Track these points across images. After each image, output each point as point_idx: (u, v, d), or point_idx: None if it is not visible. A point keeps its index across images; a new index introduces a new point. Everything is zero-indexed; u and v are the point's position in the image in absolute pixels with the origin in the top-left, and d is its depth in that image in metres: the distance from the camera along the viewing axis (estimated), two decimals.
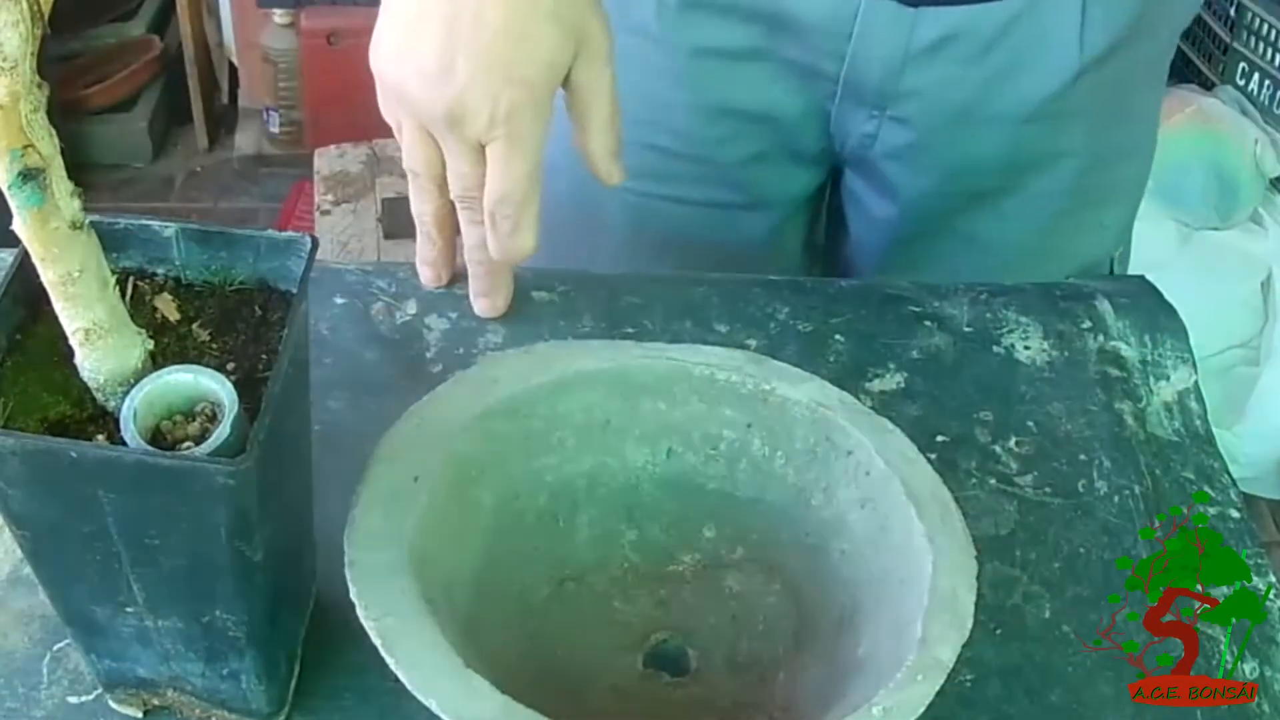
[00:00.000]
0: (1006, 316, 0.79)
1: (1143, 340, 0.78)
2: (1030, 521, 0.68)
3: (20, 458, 0.46)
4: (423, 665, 0.50)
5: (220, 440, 0.46)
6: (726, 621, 0.63)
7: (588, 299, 0.78)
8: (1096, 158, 0.87)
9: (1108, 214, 0.92)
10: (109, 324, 0.48)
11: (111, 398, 0.49)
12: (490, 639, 0.58)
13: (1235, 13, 1.82)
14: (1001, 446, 0.71)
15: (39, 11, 0.40)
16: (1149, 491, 0.70)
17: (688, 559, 0.65)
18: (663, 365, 0.63)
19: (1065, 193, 0.88)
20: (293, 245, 0.52)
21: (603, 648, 0.62)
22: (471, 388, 0.61)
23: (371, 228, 1.92)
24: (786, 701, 0.59)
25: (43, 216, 0.44)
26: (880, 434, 0.61)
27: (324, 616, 0.60)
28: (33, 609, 0.61)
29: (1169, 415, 0.75)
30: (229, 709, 0.56)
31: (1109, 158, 0.88)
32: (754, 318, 0.77)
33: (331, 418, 0.69)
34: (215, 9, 2.41)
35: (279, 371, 0.48)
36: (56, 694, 0.58)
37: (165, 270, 0.53)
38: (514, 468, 0.62)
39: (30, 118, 0.42)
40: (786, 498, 0.63)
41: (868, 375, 0.75)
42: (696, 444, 0.64)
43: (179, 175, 2.41)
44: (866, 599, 0.59)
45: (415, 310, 0.76)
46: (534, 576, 0.63)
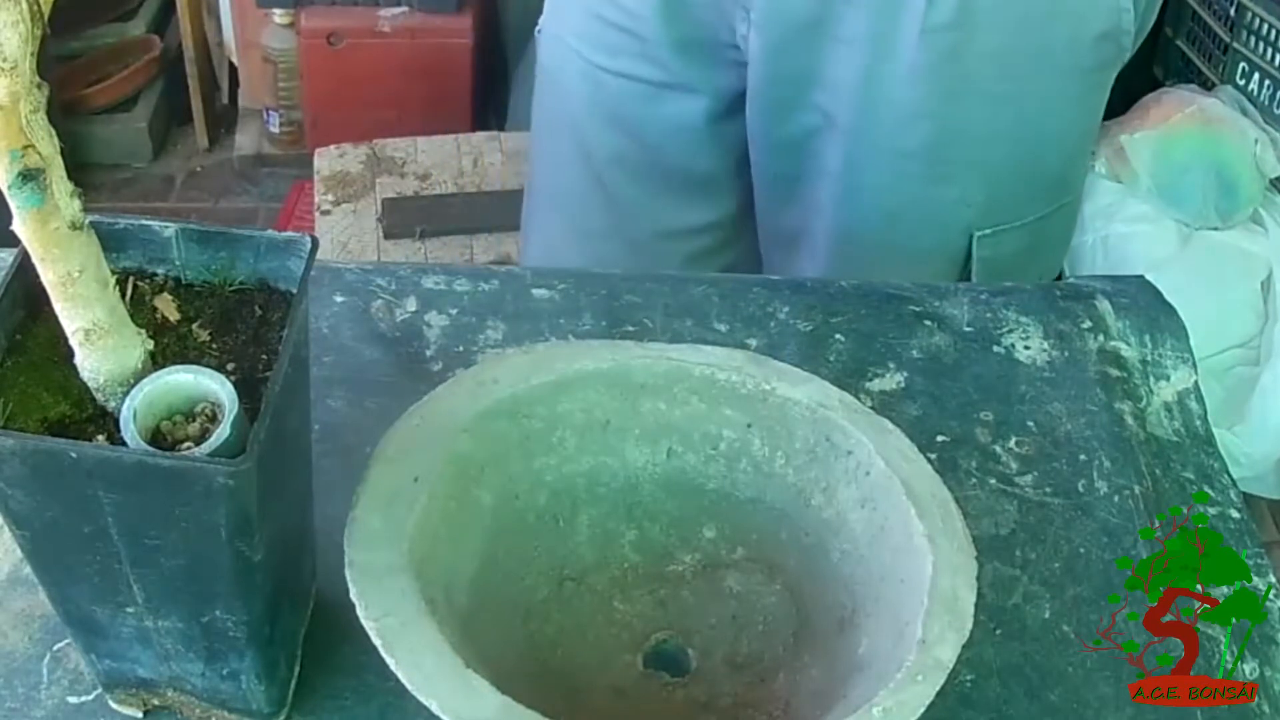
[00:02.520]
0: (1006, 316, 0.79)
1: (1143, 340, 0.78)
2: (1030, 521, 0.68)
3: (20, 458, 0.46)
4: (423, 665, 0.50)
5: (220, 440, 0.46)
6: (726, 621, 0.63)
7: (588, 297, 0.78)
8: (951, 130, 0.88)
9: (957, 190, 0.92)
10: (109, 324, 0.48)
11: (111, 398, 0.49)
12: (490, 639, 0.58)
13: (1235, 13, 1.82)
14: (1001, 446, 0.71)
15: (39, 11, 0.40)
16: (1149, 491, 0.70)
17: (688, 559, 0.65)
18: (663, 365, 0.63)
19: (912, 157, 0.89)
20: (293, 245, 0.52)
21: (603, 648, 0.62)
22: (471, 388, 0.61)
23: (371, 228, 1.91)
24: (786, 701, 0.59)
25: (43, 217, 0.44)
26: (880, 434, 0.61)
27: (324, 616, 0.60)
28: (33, 609, 0.61)
29: (1169, 415, 0.75)
30: (229, 709, 0.56)
31: (966, 130, 0.89)
32: (754, 317, 0.77)
33: (331, 417, 0.69)
34: (215, 9, 2.41)
35: (279, 371, 0.48)
36: (56, 694, 0.58)
37: (165, 270, 0.53)
38: (514, 468, 0.62)
39: (30, 118, 0.42)
40: (786, 498, 0.63)
41: (868, 375, 0.75)
42: (696, 444, 0.64)
43: (179, 175, 2.41)
44: (866, 599, 0.59)
45: (415, 308, 0.76)
46: (534, 576, 0.63)
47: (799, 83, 0.89)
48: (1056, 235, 1.01)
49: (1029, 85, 0.89)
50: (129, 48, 2.43)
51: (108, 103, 2.38)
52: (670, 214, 1.02)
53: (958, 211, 0.93)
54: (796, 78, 0.89)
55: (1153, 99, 1.86)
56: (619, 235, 1.03)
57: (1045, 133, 0.93)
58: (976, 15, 0.84)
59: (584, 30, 0.95)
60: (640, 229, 1.01)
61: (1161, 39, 1.99)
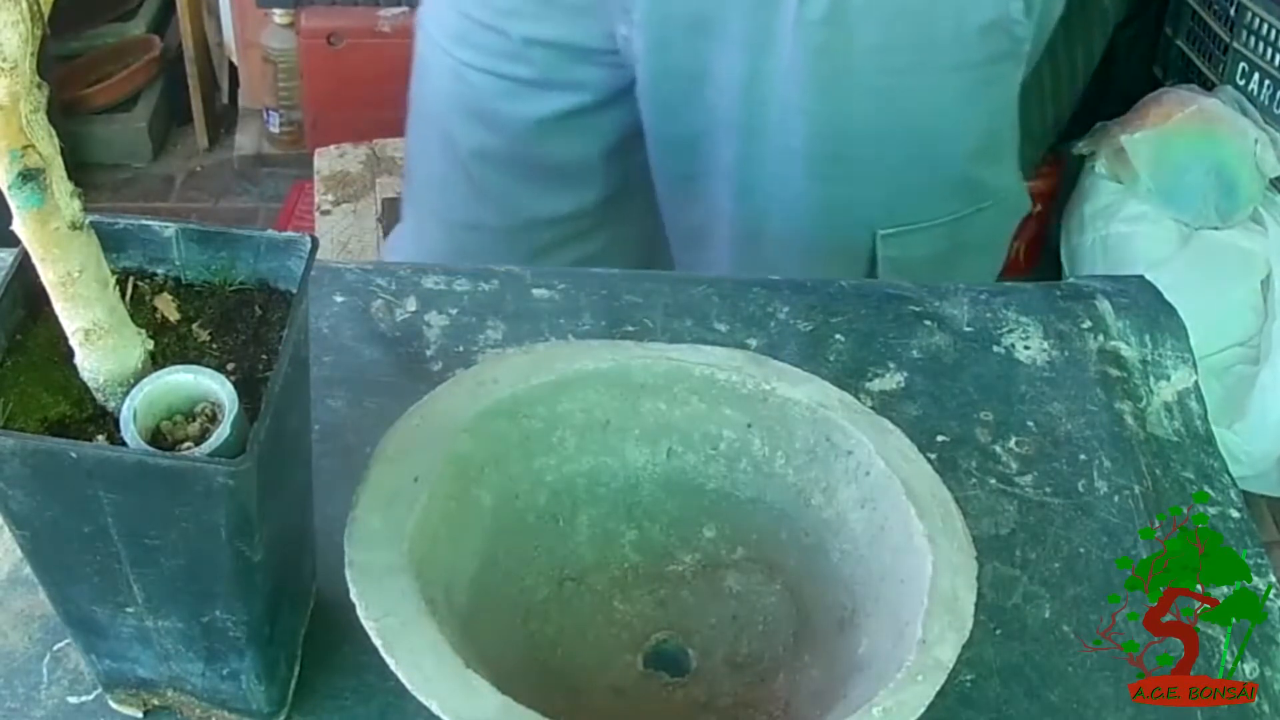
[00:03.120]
0: (1006, 316, 0.79)
1: (1143, 340, 0.78)
2: (1030, 521, 0.68)
3: (20, 458, 0.46)
4: (423, 665, 0.50)
5: (220, 440, 0.46)
6: (726, 621, 0.63)
7: (588, 297, 0.78)
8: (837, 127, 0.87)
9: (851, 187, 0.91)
10: (109, 324, 0.48)
11: (111, 398, 0.49)
12: (490, 639, 0.58)
13: (1235, 13, 1.82)
14: (1001, 446, 0.71)
15: (39, 11, 0.40)
16: (1149, 491, 0.70)
17: (688, 559, 0.65)
18: (663, 365, 0.63)
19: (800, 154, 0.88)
20: (293, 245, 0.52)
21: (603, 648, 0.62)
22: (471, 388, 0.61)
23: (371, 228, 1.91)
24: (786, 701, 0.59)
25: (43, 217, 0.44)
26: (880, 434, 0.61)
27: (324, 616, 0.60)
28: (33, 609, 0.61)
29: (1169, 415, 0.75)
30: (229, 709, 0.56)
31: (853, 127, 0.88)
32: (754, 317, 0.78)
33: (331, 417, 0.69)
34: (215, 9, 2.41)
35: (279, 371, 0.48)
36: (56, 694, 0.58)
37: (165, 270, 0.53)
38: (514, 468, 0.62)
39: (30, 118, 0.42)
40: (786, 498, 0.63)
41: (868, 375, 0.75)
42: (696, 444, 0.64)
43: (179, 175, 2.41)
44: (866, 599, 0.59)
45: (415, 307, 0.76)
46: (534, 576, 0.63)
47: (687, 81, 0.89)
48: (979, 241, 0.99)
49: (913, 80, 0.87)
50: (129, 48, 2.43)
51: (108, 103, 2.38)
52: (536, 203, 1.01)
53: (855, 209, 0.92)
54: (684, 76, 0.89)
55: (1153, 99, 1.86)
56: (484, 224, 1.03)
57: (939, 130, 0.91)
58: (851, 10, 0.83)
59: (452, 27, 0.95)
60: (505, 218, 1.01)
61: (1161, 39, 1.99)
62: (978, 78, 0.89)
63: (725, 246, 0.95)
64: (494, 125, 0.97)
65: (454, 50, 0.96)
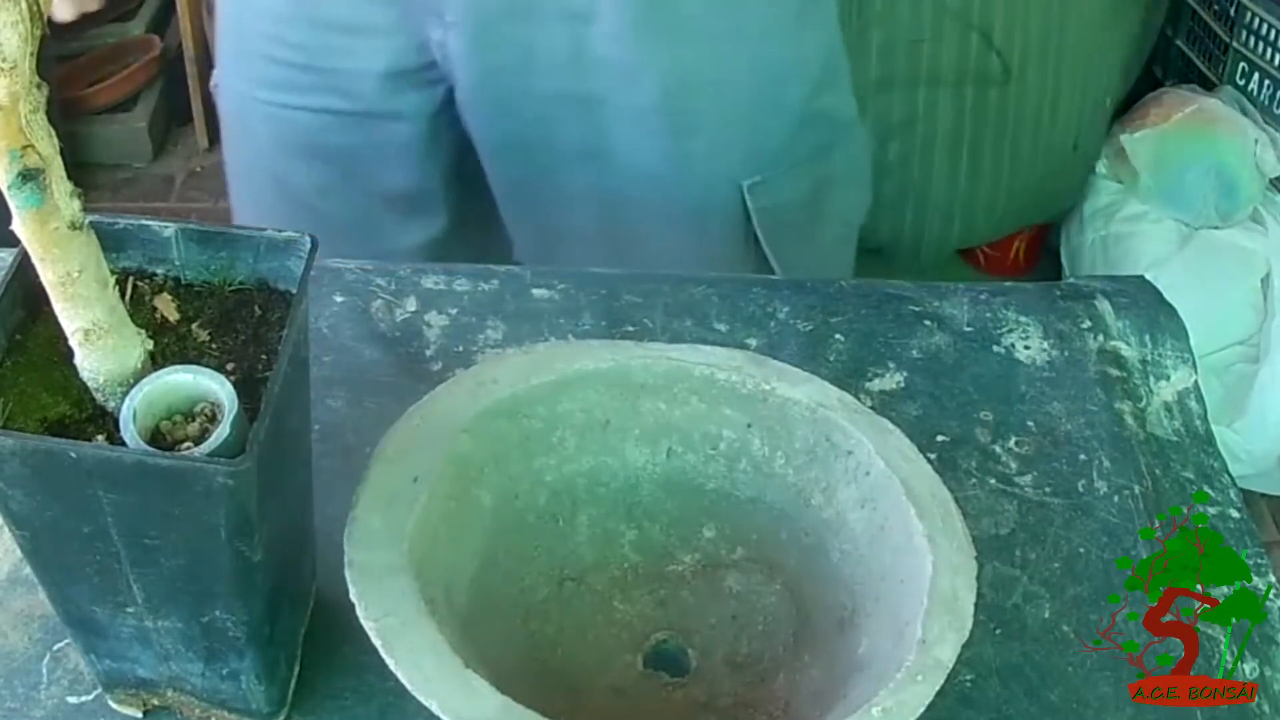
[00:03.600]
0: (1006, 316, 0.79)
1: (1143, 340, 0.78)
2: (1030, 521, 0.68)
3: (20, 458, 0.46)
4: (423, 665, 0.50)
5: (220, 440, 0.46)
6: (726, 621, 0.63)
7: (588, 297, 0.78)
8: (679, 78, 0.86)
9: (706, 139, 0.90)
10: (109, 324, 0.48)
11: (111, 398, 0.49)
12: (490, 639, 0.58)
13: (1235, 13, 1.82)
14: (1001, 446, 0.71)
15: (39, 11, 0.40)
16: (1149, 491, 0.70)
17: (688, 559, 0.65)
18: (663, 365, 0.63)
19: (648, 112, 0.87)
20: (292, 245, 0.52)
21: (603, 648, 0.62)
22: (471, 388, 0.61)
23: None
24: (786, 701, 0.59)
25: (42, 217, 0.44)
26: (880, 434, 0.61)
27: (324, 616, 0.60)
28: (33, 609, 0.61)
29: (1169, 415, 0.75)
30: (229, 709, 0.56)
31: (696, 77, 0.87)
32: (754, 317, 0.78)
33: (331, 417, 0.69)
34: (215, 9, 2.41)
35: (279, 371, 0.48)
36: (56, 694, 0.58)
37: (165, 270, 0.53)
38: (514, 468, 0.62)
39: (30, 118, 0.42)
40: (786, 498, 0.63)
41: (868, 375, 0.75)
42: (696, 444, 0.64)
43: (179, 175, 2.41)
44: (866, 599, 0.59)
45: (415, 307, 0.76)
46: (534, 576, 0.63)
47: (513, 73, 0.87)
48: (844, 173, 0.98)
49: (745, 17, 0.87)
50: (129, 48, 2.43)
51: (108, 103, 2.37)
52: (389, 234, 0.99)
53: (714, 162, 0.90)
54: (509, 68, 0.87)
55: (1153, 99, 1.86)
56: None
57: (782, 64, 0.90)
58: None
59: (266, 76, 0.94)
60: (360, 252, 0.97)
61: (1161, 39, 1.98)
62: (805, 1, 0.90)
63: (593, 236, 0.93)
64: (332, 160, 0.96)
65: (274, 97, 0.94)
